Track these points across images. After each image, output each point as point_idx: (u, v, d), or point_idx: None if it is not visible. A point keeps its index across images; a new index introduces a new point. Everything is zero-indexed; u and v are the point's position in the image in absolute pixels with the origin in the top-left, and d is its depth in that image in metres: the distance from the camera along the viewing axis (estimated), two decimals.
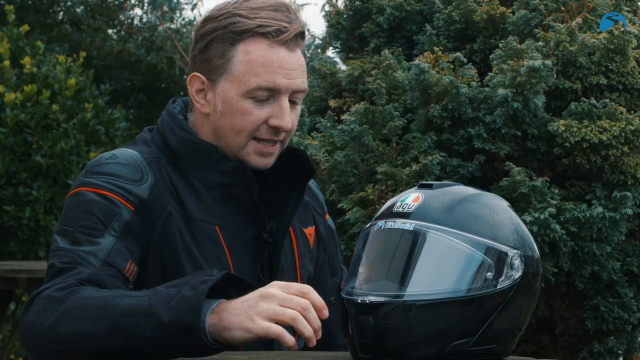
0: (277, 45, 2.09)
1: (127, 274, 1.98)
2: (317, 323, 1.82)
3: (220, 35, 2.12)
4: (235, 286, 1.86)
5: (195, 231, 2.07)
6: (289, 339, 1.80)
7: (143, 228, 2.03)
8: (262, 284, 2.07)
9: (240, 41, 2.10)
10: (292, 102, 2.13)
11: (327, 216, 2.39)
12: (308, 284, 2.23)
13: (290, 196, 2.18)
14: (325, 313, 1.84)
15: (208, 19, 2.16)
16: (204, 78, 2.14)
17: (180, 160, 2.11)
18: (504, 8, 5.00)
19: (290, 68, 2.10)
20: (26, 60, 8.30)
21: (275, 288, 1.83)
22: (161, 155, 2.12)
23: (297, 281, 2.19)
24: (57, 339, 1.84)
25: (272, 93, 2.10)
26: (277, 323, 1.80)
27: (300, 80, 2.12)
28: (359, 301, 1.82)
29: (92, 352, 1.84)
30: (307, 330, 1.80)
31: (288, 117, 2.10)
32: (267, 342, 2.09)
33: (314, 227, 2.29)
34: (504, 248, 1.84)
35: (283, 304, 1.80)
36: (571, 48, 4.61)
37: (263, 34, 2.09)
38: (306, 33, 2.14)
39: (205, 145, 2.12)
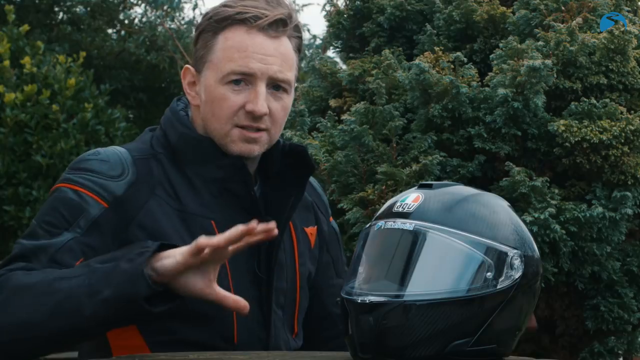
0: (255, 31, 2.09)
1: None
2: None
3: (206, 27, 2.14)
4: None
5: (191, 226, 2.07)
6: (213, 241, 1.81)
7: (119, 224, 2.03)
8: (259, 279, 2.08)
9: (221, 30, 2.11)
10: (277, 90, 2.12)
11: (331, 219, 2.38)
12: (308, 283, 2.23)
13: (291, 192, 2.17)
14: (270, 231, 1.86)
15: (203, 15, 2.19)
16: (193, 70, 2.16)
17: (179, 155, 2.12)
18: (504, 8, 5.00)
19: (265, 54, 2.09)
20: (26, 60, 8.29)
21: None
22: (160, 150, 2.12)
23: (296, 279, 2.19)
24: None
25: (247, 78, 2.09)
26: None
27: (278, 67, 2.09)
28: (359, 301, 1.82)
29: (36, 339, 1.87)
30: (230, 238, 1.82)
31: (263, 102, 2.08)
32: (264, 339, 2.09)
33: (316, 227, 2.28)
34: (504, 248, 1.83)
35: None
36: (571, 48, 4.61)
37: (242, 21, 2.09)
38: (292, 21, 2.12)
39: (203, 140, 2.12)
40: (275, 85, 2.11)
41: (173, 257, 1.85)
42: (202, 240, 1.82)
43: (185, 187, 2.10)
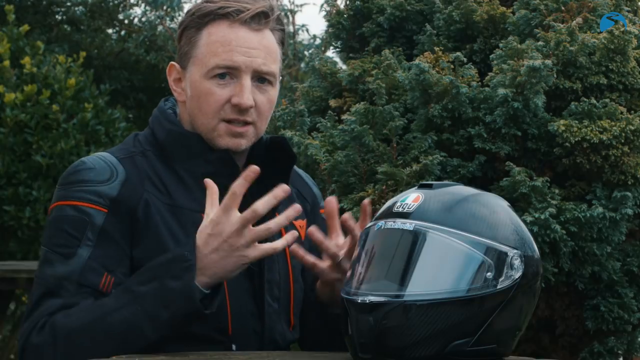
0: (238, 25, 2.11)
1: (102, 289, 2.01)
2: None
3: (189, 23, 2.17)
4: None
5: (181, 219, 2.09)
6: (280, 243, 1.95)
7: (123, 225, 2.05)
8: (250, 271, 2.10)
9: (204, 25, 2.14)
10: (262, 82, 2.14)
11: (322, 211, 2.38)
12: (301, 274, 2.24)
13: (275, 184, 2.19)
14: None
15: (185, 12, 2.21)
16: (178, 67, 2.18)
17: (167, 151, 2.14)
18: (504, 8, 5.00)
19: (249, 47, 2.11)
20: (26, 60, 8.30)
21: (212, 223, 1.94)
22: (148, 147, 2.14)
23: (288, 271, 2.21)
24: None
25: (232, 72, 2.11)
26: None
27: (262, 60, 2.12)
28: (359, 301, 1.82)
29: None
30: (280, 220, 1.96)
31: (248, 94, 2.10)
32: (259, 330, 2.10)
33: (305, 220, 2.29)
34: (504, 248, 1.84)
35: (245, 229, 1.93)
36: (571, 48, 4.61)
37: (224, 15, 2.12)
38: (274, 13, 2.14)
39: (191, 136, 2.14)
40: (260, 78, 2.14)
41: (241, 267, 1.96)
42: (277, 247, 1.95)
43: (175, 182, 2.12)
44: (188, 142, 2.14)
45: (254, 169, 1.96)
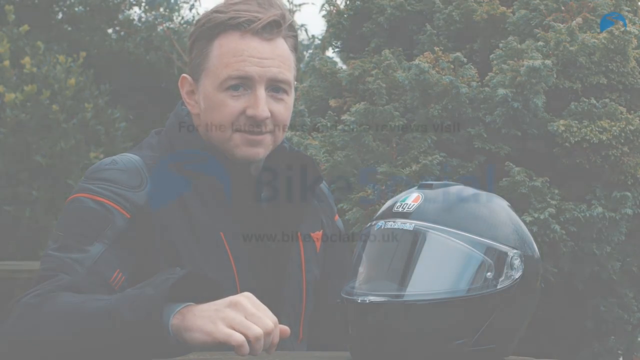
0: (250, 35, 2.07)
1: (112, 283, 1.96)
2: (272, 346, 1.81)
3: (199, 35, 2.12)
4: (205, 287, 1.84)
5: (199, 237, 2.05)
6: (246, 350, 1.76)
7: (140, 235, 2.01)
8: (266, 289, 2.07)
9: (215, 36, 2.09)
10: (277, 92, 2.10)
11: (337, 217, 2.37)
12: (313, 288, 2.22)
13: (298, 201, 2.16)
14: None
15: (195, 22, 2.18)
16: (190, 79, 2.14)
17: (184, 162, 2.10)
18: (504, 8, 5.00)
19: (262, 57, 2.07)
20: (26, 60, 8.30)
21: (246, 299, 1.80)
22: (167, 158, 2.11)
23: (302, 286, 2.18)
24: (32, 347, 1.85)
25: (245, 82, 2.07)
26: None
27: (277, 69, 2.08)
28: (359, 301, 1.82)
29: (65, 356, 1.83)
30: (259, 351, 1.78)
31: (264, 106, 2.07)
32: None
33: (321, 231, 2.28)
34: (504, 248, 1.84)
35: (250, 318, 1.78)
36: (571, 48, 4.61)
37: (235, 26, 2.08)
38: (286, 21, 2.10)
39: (209, 149, 2.10)
40: (275, 88, 2.10)
41: (205, 334, 1.77)
42: (242, 349, 1.76)
43: (193, 197, 2.08)
44: (205, 155, 2.10)
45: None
